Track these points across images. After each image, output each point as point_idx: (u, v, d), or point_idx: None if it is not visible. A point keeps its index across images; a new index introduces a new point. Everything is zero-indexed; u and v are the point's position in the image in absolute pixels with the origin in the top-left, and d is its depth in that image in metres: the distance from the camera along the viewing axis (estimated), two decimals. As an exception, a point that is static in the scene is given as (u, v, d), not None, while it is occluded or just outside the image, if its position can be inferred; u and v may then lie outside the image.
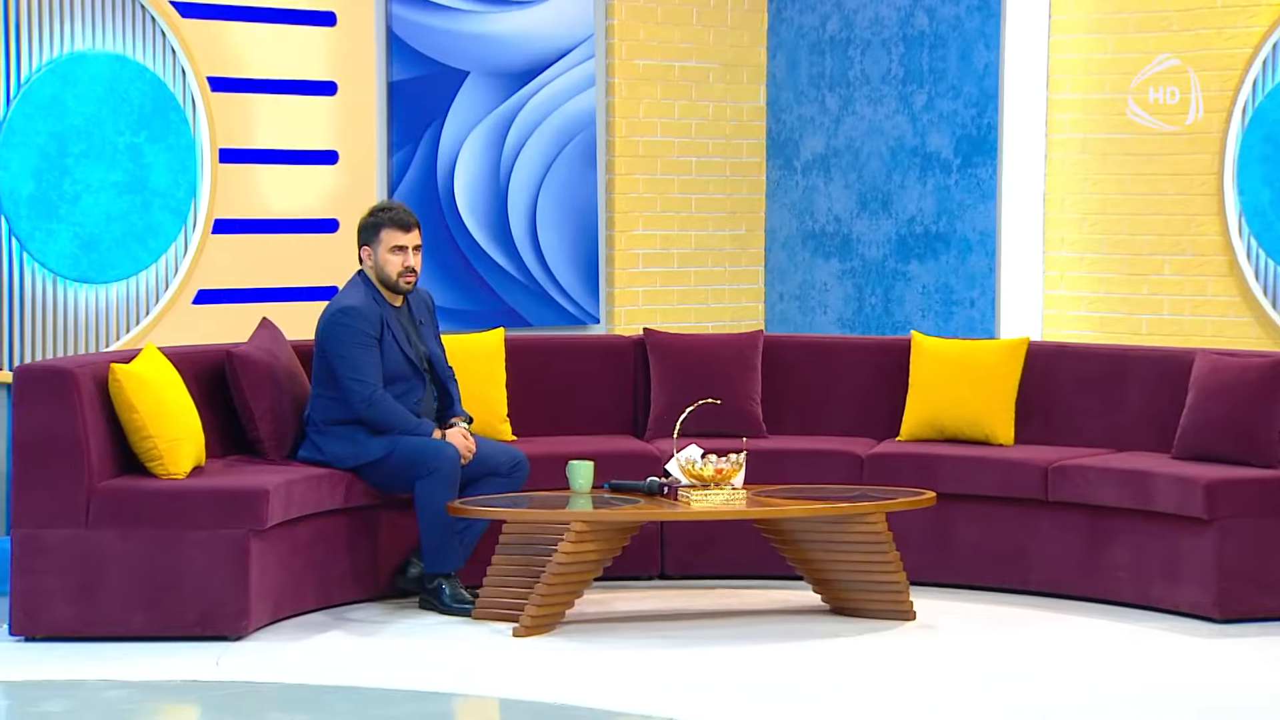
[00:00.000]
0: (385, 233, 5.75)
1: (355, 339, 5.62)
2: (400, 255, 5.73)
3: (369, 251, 5.77)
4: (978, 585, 6.13)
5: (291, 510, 5.50)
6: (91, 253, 6.43)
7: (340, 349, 5.63)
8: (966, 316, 7.70)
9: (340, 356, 5.63)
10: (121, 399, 5.41)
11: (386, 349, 5.69)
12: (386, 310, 5.73)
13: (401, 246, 5.73)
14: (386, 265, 5.74)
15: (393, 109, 7.29)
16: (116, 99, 6.47)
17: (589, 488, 5.80)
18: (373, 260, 5.76)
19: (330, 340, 5.65)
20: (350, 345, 5.62)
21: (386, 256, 5.73)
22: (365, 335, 5.63)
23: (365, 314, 5.64)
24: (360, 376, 5.60)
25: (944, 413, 6.39)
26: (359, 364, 5.61)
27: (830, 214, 8.12)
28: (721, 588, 6.18)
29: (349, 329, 5.62)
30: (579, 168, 7.82)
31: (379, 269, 5.75)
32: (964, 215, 7.72)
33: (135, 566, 5.28)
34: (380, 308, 5.70)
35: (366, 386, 5.60)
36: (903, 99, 7.86)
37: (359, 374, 5.60)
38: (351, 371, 5.61)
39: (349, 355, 5.62)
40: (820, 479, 6.21)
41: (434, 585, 5.68)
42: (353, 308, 5.65)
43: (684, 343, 6.69)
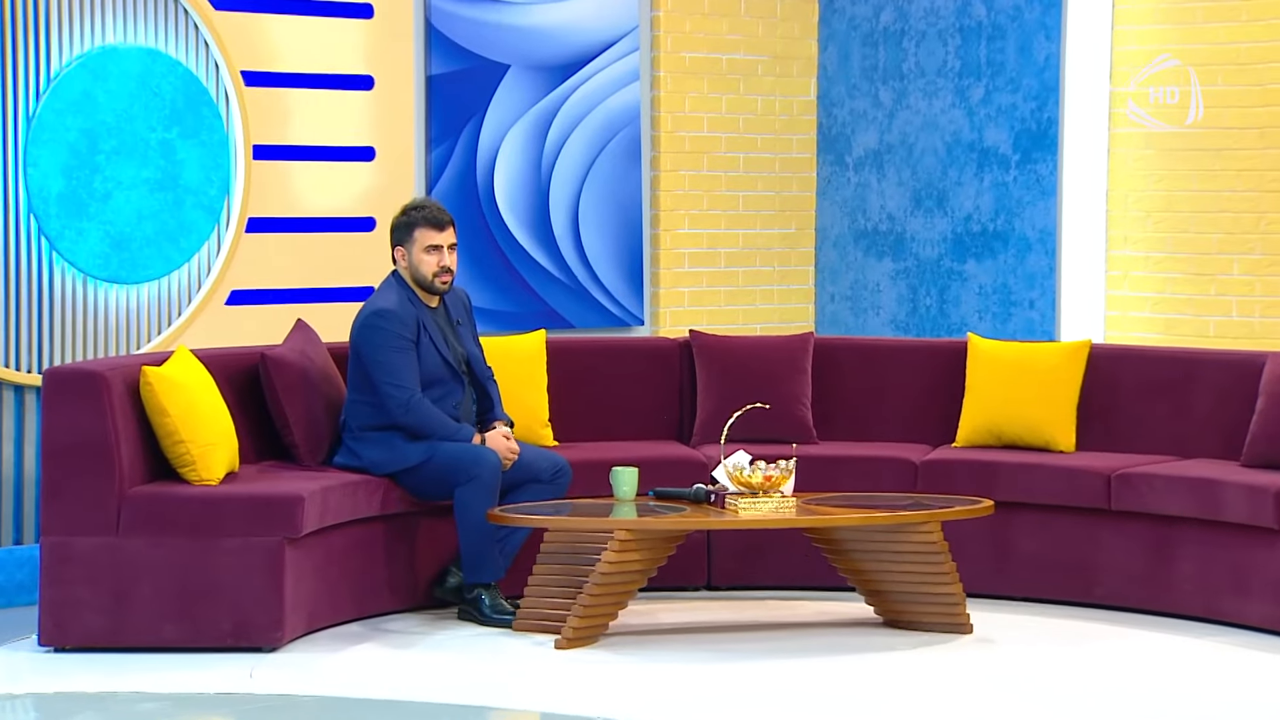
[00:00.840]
0: (419, 232, 5.75)
1: (391, 343, 5.63)
2: (435, 255, 5.74)
3: (403, 252, 5.78)
4: (1037, 598, 6.11)
5: (327, 518, 5.52)
6: (122, 252, 6.48)
7: (376, 353, 5.64)
8: (1025, 318, 7.67)
9: (376, 361, 5.64)
10: (153, 402, 5.44)
11: (423, 352, 5.70)
12: (422, 311, 5.73)
13: (436, 246, 5.74)
14: (421, 265, 5.74)
15: (431, 104, 7.32)
16: (148, 94, 6.52)
17: (633, 495, 5.80)
18: (407, 261, 5.76)
19: (365, 345, 5.66)
20: (386, 349, 5.63)
21: (421, 256, 5.74)
22: (401, 339, 5.64)
23: (400, 316, 5.65)
24: (397, 381, 5.62)
25: (1002, 418, 6.37)
26: (395, 368, 5.62)
27: (883, 212, 8.10)
28: (770, 599, 6.18)
29: (384, 332, 5.63)
30: (623, 164, 7.82)
31: (413, 269, 5.76)
32: (1023, 213, 7.69)
33: (167, 575, 5.31)
34: (416, 309, 5.71)
35: (404, 391, 5.62)
36: (959, 92, 7.84)
37: (396, 379, 5.62)
38: (388, 376, 5.62)
39: (385, 360, 5.63)
40: (873, 486, 6.20)
41: (473, 595, 5.69)
42: (387, 310, 5.66)
43: (731, 345, 6.69)
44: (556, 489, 5.82)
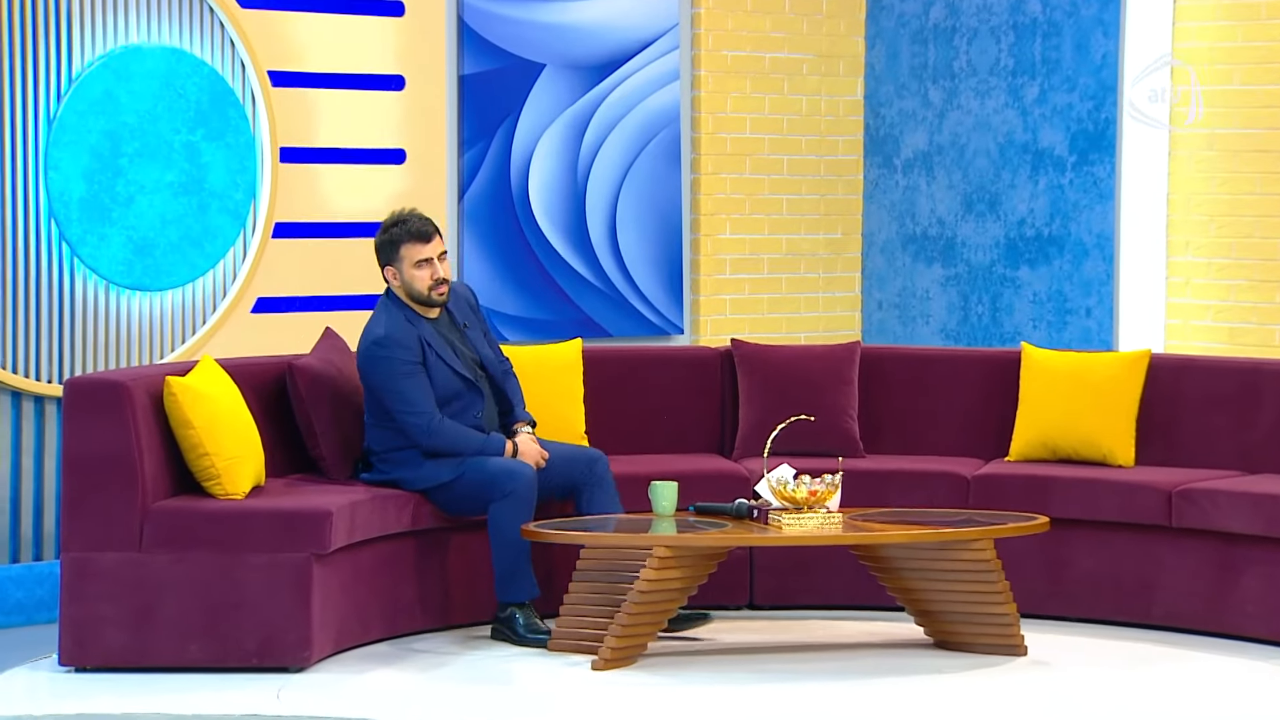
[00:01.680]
0: (405, 248, 5.73)
1: (398, 369, 5.62)
2: (426, 269, 5.72)
3: (393, 271, 5.75)
4: (1094, 619, 6.08)
5: (356, 533, 5.54)
6: (145, 258, 6.51)
7: (386, 383, 5.63)
8: (1082, 327, 7.64)
9: (388, 391, 5.64)
10: (177, 414, 5.46)
11: (433, 370, 5.69)
12: (423, 328, 5.72)
13: (426, 260, 5.72)
14: (415, 282, 5.72)
15: (464, 104, 7.34)
16: (172, 95, 6.55)
17: (673, 510, 5.80)
18: (399, 279, 5.74)
19: (373, 376, 5.66)
20: (394, 377, 5.62)
21: (412, 273, 5.72)
22: (406, 364, 5.63)
23: (401, 340, 5.64)
24: (413, 409, 5.61)
25: (1057, 431, 6.34)
26: (408, 395, 5.61)
27: (933, 216, 8.08)
28: (815, 619, 6.16)
29: (388, 360, 5.62)
30: (662, 167, 7.83)
31: (407, 287, 5.74)
32: (1079, 217, 7.66)
33: (191, 592, 5.33)
34: (415, 327, 5.69)
35: (423, 417, 5.61)
36: (1013, 92, 7.82)
37: (412, 407, 5.61)
38: (404, 406, 5.62)
39: (396, 388, 5.62)
40: (923, 502, 6.18)
41: (507, 614, 5.69)
42: (387, 336, 5.64)
43: (775, 355, 6.68)
44: (598, 478, 5.79)
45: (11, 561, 6.25)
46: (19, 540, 6.27)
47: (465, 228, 7.37)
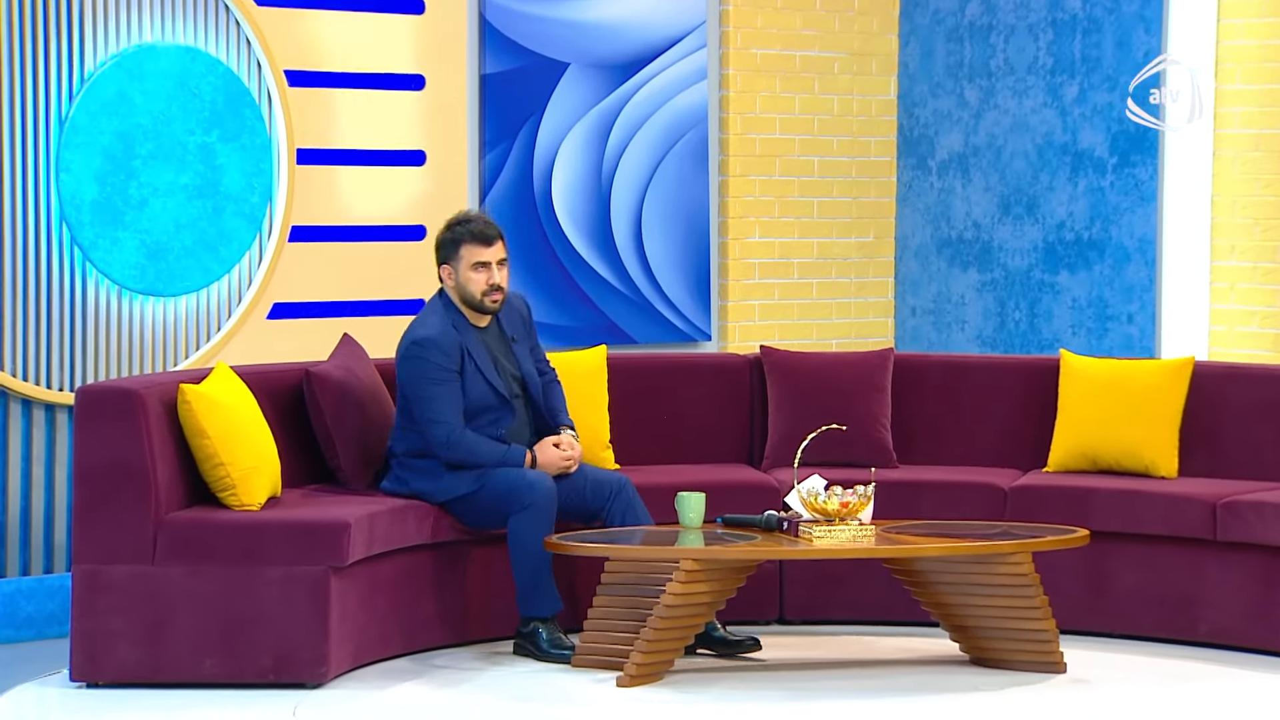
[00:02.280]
0: (465, 249, 5.74)
1: (431, 374, 5.62)
2: (483, 272, 5.72)
3: (449, 270, 5.76)
4: (1136, 635, 6.06)
5: (375, 545, 5.54)
6: (159, 263, 6.53)
7: (416, 386, 5.64)
8: (1123, 333, 7.62)
9: (417, 395, 5.64)
10: (191, 423, 5.48)
11: (469, 380, 5.69)
12: (468, 335, 5.72)
13: (484, 263, 5.72)
14: (469, 284, 5.73)
15: (485, 104, 7.34)
16: (187, 95, 6.57)
17: (700, 522, 5.79)
18: (454, 279, 5.75)
19: (405, 376, 5.67)
20: (426, 381, 5.62)
21: (469, 275, 5.73)
22: (442, 370, 5.63)
23: (442, 345, 5.64)
24: (437, 418, 5.61)
25: (1098, 441, 6.32)
26: (435, 403, 5.62)
27: (969, 219, 8.07)
28: (847, 634, 6.15)
29: (424, 363, 5.62)
30: (689, 168, 7.83)
31: (461, 289, 5.74)
32: (1120, 220, 7.64)
33: (206, 606, 5.34)
34: (461, 334, 5.70)
35: (443, 429, 5.62)
36: (1051, 91, 7.80)
37: (436, 414, 5.62)
38: (429, 412, 5.63)
39: (425, 393, 5.63)
40: (958, 514, 6.17)
41: (529, 629, 5.70)
42: (428, 339, 5.64)
43: (805, 362, 6.68)
44: (629, 507, 5.79)
45: (21, 574, 6.27)
46: (29, 552, 6.29)
47: (487, 231, 7.37)
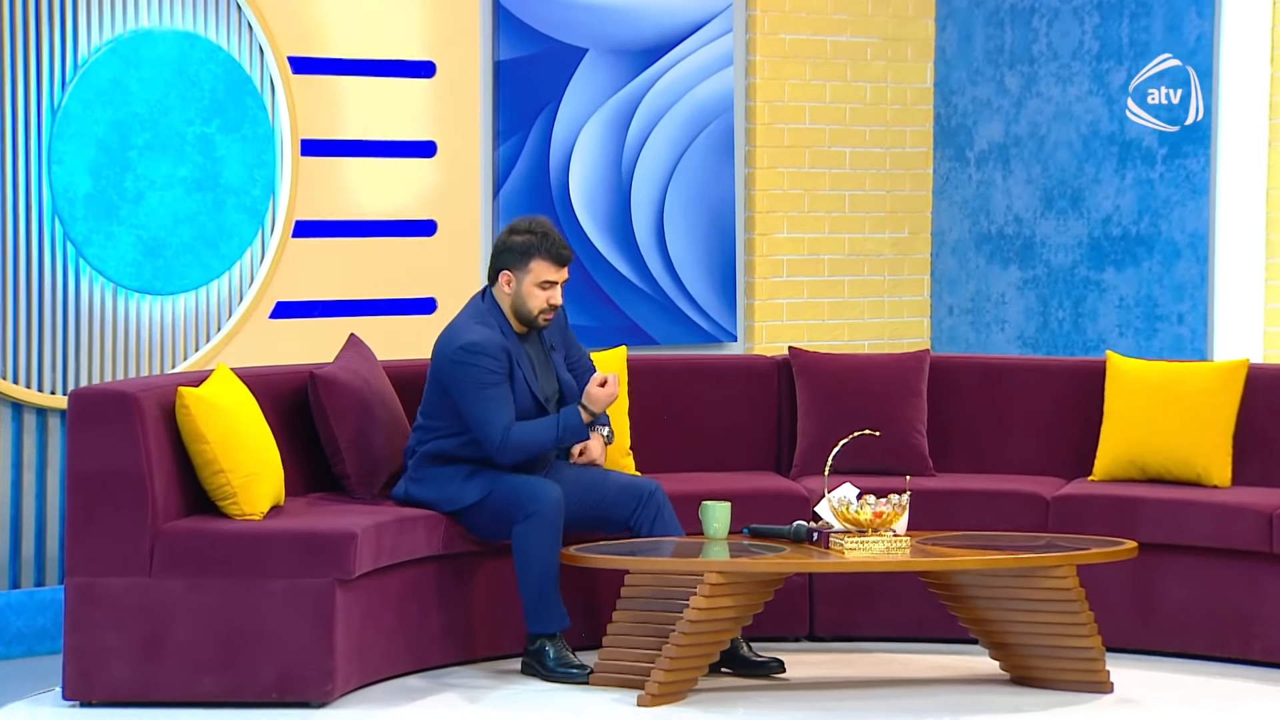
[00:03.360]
0: (537, 263, 5.73)
1: (483, 379, 5.64)
2: (547, 291, 5.73)
3: (510, 278, 5.74)
4: (1187, 653, 6.05)
5: (383, 557, 5.55)
6: (156, 259, 6.55)
7: (467, 391, 5.64)
8: (1173, 334, 7.60)
9: (468, 399, 5.64)
10: (190, 428, 5.49)
11: (516, 385, 5.72)
12: (512, 341, 5.73)
13: (552, 282, 5.74)
14: (530, 299, 5.73)
15: (499, 92, 7.35)
16: (185, 83, 6.59)
17: (725, 533, 5.80)
18: (512, 288, 5.74)
19: (455, 382, 5.66)
20: (477, 386, 5.64)
21: (532, 289, 5.73)
22: (493, 374, 5.65)
23: (491, 351, 5.65)
24: (491, 419, 5.63)
25: (1146, 448, 6.31)
26: (488, 405, 5.63)
27: (1010, 213, 8.06)
28: (880, 651, 6.15)
29: (475, 368, 5.64)
30: (714, 160, 7.83)
31: (518, 300, 5.74)
32: (1170, 214, 7.63)
33: (205, 621, 5.36)
34: (505, 339, 5.71)
35: (497, 431, 5.64)
36: (1097, 77, 7.79)
37: (489, 416, 5.63)
38: (482, 415, 5.64)
39: (478, 396, 5.64)
40: (998, 525, 6.16)
41: (536, 647, 5.70)
42: (477, 345, 5.65)
43: (836, 364, 6.68)
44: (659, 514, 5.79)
45: (11, 587, 6.28)
46: (19, 564, 6.31)
47: (500, 225, 7.38)
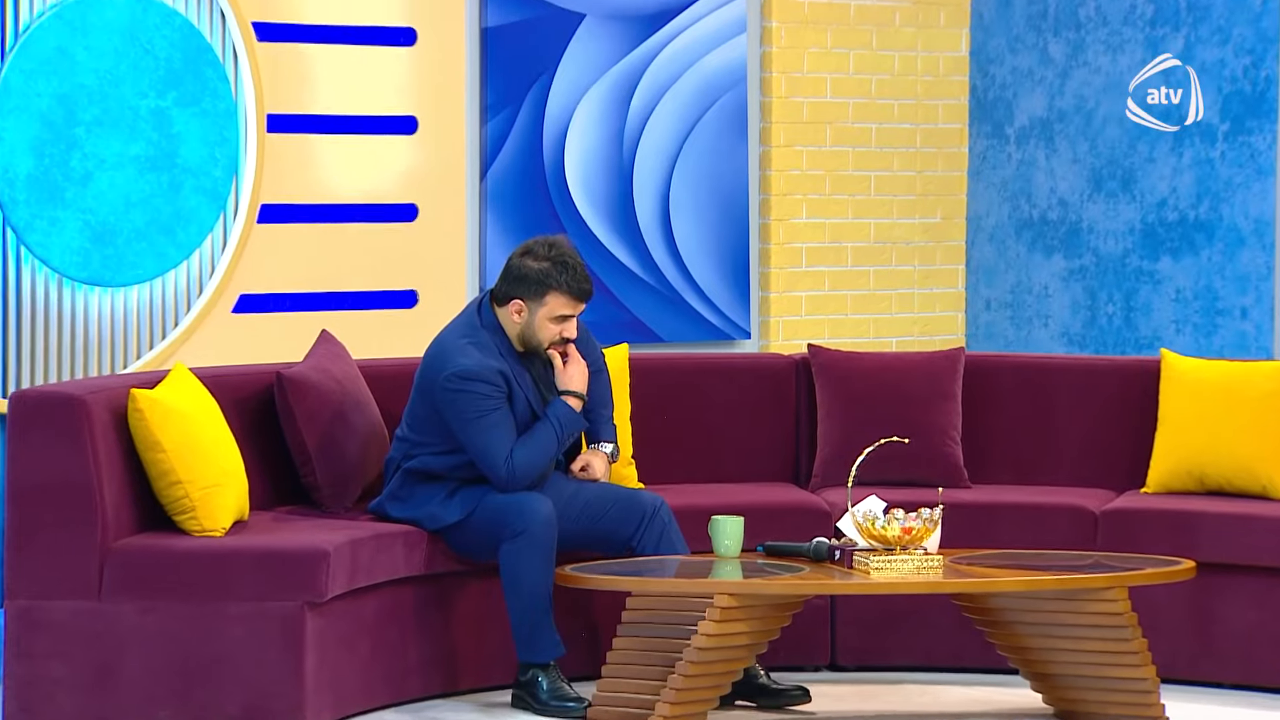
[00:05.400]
0: (554, 297, 5.74)
1: (483, 406, 5.67)
2: (560, 325, 5.76)
3: (521, 307, 5.75)
4: (1251, 685, 6.05)
5: (358, 578, 5.55)
6: (105, 247, 6.55)
7: (465, 420, 5.67)
8: (1235, 330, 7.60)
9: (467, 429, 5.67)
10: (143, 434, 5.49)
11: (516, 406, 5.74)
12: (510, 361, 5.75)
13: (567, 316, 5.76)
14: (540, 332, 5.76)
15: (487, 63, 7.35)
16: (138, 51, 6.59)
17: (737, 551, 5.79)
18: (524, 318, 5.76)
19: (449, 410, 5.69)
20: (477, 415, 5.67)
21: (545, 324, 5.75)
22: (492, 400, 5.68)
23: (487, 377, 5.68)
24: (493, 451, 5.66)
25: (1205, 456, 6.31)
26: (489, 437, 5.67)
27: (1054, 196, 8.05)
28: (910, 682, 6.15)
29: (470, 395, 5.66)
30: (725, 138, 7.83)
31: (527, 330, 5.76)
32: (1233, 197, 7.63)
33: (161, 649, 5.35)
34: (504, 360, 5.73)
35: (501, 463, 5.67)
36: (1151, 45, 7.78)
37: (491, 450, 5.67)
38: (484, 447, 5.66)
39: (477, 425, 5.67)
40: (1041, 542, 6.16)
41: (528, 677, 5.71)
42: (472, 371, 5.66)
43: (861, 364, 6.67)
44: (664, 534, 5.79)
45: (-54, 610, 6.29)
46: (-45, 585, 6.31)
47: (489, 210, 7.39)
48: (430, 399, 5.74)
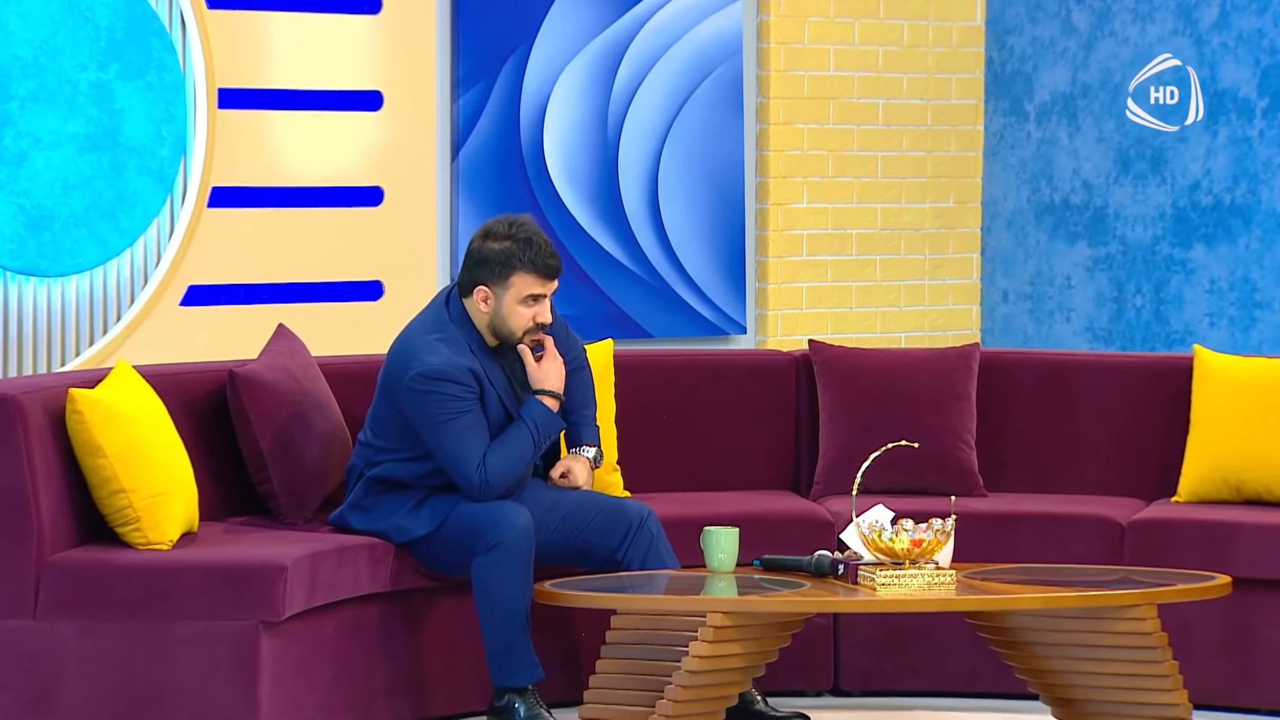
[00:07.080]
0: (519, 277, 5.73)
1: (452, 408, 5.67)
2: (533, 307, 5.75)
3: (486, 294, 5.75)
4: (1291, 710, 6.07)
5: (318, 595, 5.55)
6: (41, 234, 6.54)
7: (432, 423, 5.66)
8: (1275, 325, 7.61)
9: (435, 432, 5.67)
10: (83, 438, 5.49)
11: (489, 405, 5.74)
12: (482, 358, 5.75)
13: (538, 296, 5.75)
14: (512, 319, 5.75)
15: (458, 33, 7.35)
16: (77, 20, 6.58)
17: (732, 565, 5.80)
18: (490, 306, 5.75)
19: (415, 413, 5.69)
20: (446, 418, 5.66)
21: (514, 308, 5.74)
22: (462, 402, 5.68)
23: (456, 377, 5.67)
24: (465, 458, 5.66)
25: (1241, 462, 6.32)
26: (459, 443, 5.67)
27: (1077, 178, 8.06)
28: (919, 708, 6.16)
29: (441, 398, 5.66)
30: (719, 115, 7.83)
31: (497, 319, 5.75)
32: (1272, 179, 7.64)
33: (102, 672, 5.35)
34: (474, 357, 5.73)
35: (473, 470, 5.67)
36: (1183, 14, 7.80)
37: (462, 456, 5.66)
38: (454, 453, 5.66)
39: (446, 431, 5.67)
40: (1062, 556, 6.17)
41: (504, 702, 5.72)
42: (439, 371, 5.66)
43: (866, 361, 6.68)
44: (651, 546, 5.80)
45: None
46: (-123, 603, 6.30)
47: (460, 193, 7.38)
48: (395, 400, 5.74)
